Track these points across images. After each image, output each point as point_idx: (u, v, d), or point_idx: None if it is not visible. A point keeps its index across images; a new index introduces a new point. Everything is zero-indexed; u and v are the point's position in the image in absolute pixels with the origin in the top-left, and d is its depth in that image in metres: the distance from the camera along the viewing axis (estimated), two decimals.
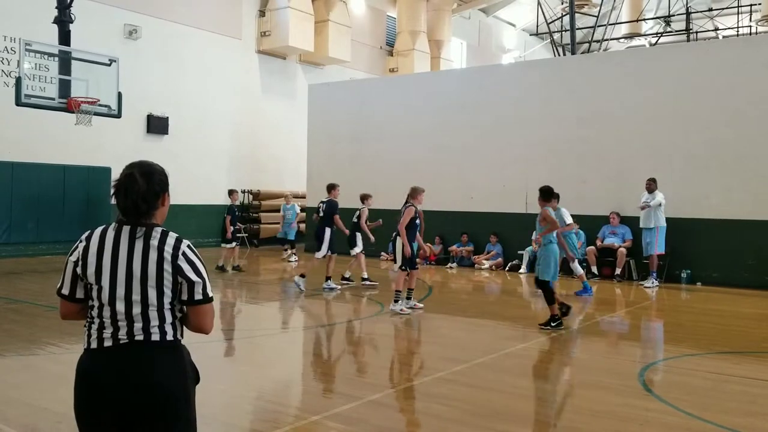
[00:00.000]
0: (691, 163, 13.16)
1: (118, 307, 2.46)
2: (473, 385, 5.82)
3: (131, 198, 2.49)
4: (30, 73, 12.82)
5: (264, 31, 21.08)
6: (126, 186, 2.50)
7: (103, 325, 2.48)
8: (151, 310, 2.47)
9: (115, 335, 2.46)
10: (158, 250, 2.47)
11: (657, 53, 16.29)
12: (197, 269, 2.52)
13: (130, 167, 2.55)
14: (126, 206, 2.50)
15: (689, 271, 13.00)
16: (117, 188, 2.52)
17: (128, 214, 2.51)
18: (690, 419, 4.95)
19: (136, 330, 2.46)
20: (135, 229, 2.50)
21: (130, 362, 2.45)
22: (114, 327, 2.47)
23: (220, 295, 11.16)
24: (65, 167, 15.76)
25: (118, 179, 2.53)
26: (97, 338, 2.48)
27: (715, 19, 28.42)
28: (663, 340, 8.64)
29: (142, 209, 2.51)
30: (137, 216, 2.51)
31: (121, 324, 2.46)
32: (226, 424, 4.93)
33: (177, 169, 18.07)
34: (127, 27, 17.32)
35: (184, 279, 2.49)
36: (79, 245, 2.55)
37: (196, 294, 2.52)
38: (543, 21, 24.85)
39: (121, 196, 2.50)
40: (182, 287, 2.51)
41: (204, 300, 2.54)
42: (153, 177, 2.55)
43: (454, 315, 9.81)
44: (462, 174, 16.05)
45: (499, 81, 16.30)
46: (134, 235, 2.49)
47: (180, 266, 2.48)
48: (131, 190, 2.49)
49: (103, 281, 2.47)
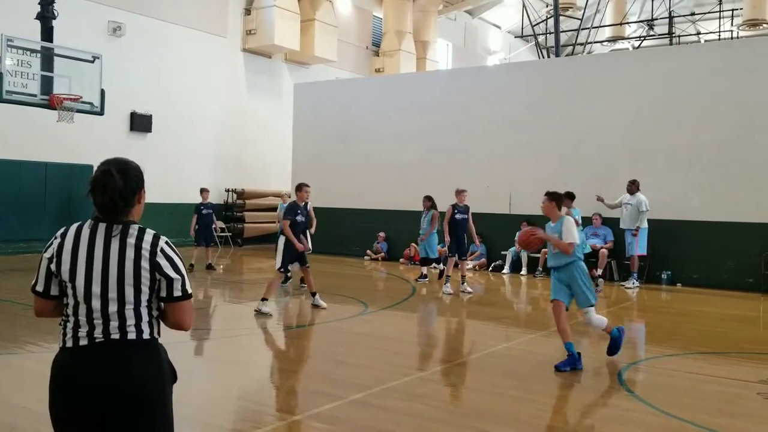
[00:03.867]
0: (673, 166, 13.30)
1: (94, 305, 2.42)
2: (455, 384, 5.84)
3: (108, 195, 2.46)
4: (12, 69, 12.66)
5: (249, 30, 20.99)
6: (103, 183, 2.46)
7: (78, 324, 2.45)
8: (128, 308, 2.44)
9: (91, 334, 2.43)
10: (135, 248, 2.44)
11: (640, 57, 16.42)
12: (176, 266, 2.50)
13: (106, 164, 2.51)
14: (103, 203, 2.47)
15: (670, 272, 13.14)
16: (93, 185, 2.48)
17: (105, 211, 2.48)
18: (670, 419, 4.99)
19: (112, 328, 2.43)
20: (111, 226, 2.46)
21: (106, 361, 2.42)
22: (90, 325, 2.43)
23: (202, 295, 11.10)
24: (47, 164, 15.60)
25: (94, 176, 2.49)
26: (73, 337, 2.45)
27: (697, 23, 28.71)
28: (644, 341, 8.70)
29: (119, 206, 2.48)
30: (114, 213, 2.48)
31: (97, 322, 2.43)
32: (206, 424, 4.90)
33: (160, 167, 18.05)
34: (111, 24, 17.17)
35: (163, 276, 2.47)
36: (54, 242, 2.51)
37: (175, 291, 2.50)
38: (528, 23, 24.99)
39: (98, 193, 2.46)
40: (161, 284, 2.49)
41: (183, 297, 2.52)
42: (129, 173, 2.51)
43: (437, 315, 9.83)
44: (447, 174, 16.07)
45: (484, 82, 16.36)
46: (110, 233, 2.45)
47: (158, 263, 2.46)
48: (108, 187, 2.46)
49: (78, 279, 2.43)
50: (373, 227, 16.77)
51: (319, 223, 17.48)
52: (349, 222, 16.86)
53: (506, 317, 9.99)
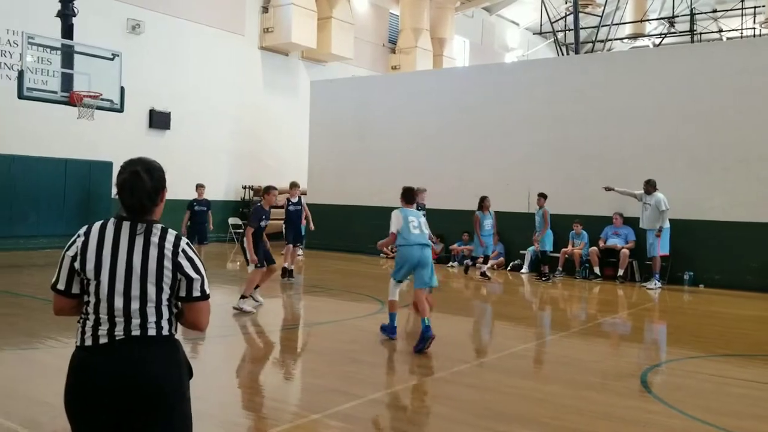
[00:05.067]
0: (695, 165, 13.11)
1: (116, 302, 2.44)
2: (475, 385, 5.78)
3: (137, 196, 2.49)
4: (33, 66, 12.78)
5: (267, 28, 21.03)
6: (131, 184, 2.49)
7: (98, 322, 2.46)
8: (150, 306, 2.47)
9: (112, 332, 2.44)
10: (159, 247, 2.48)
11: (661, 54, 16.23)
12: (196, 266, 2.53)
13: (133, 164, 2.54)
14: (132, 204, 2.50)
15: (692, 273, 12.96)
16: (122, 186, 2.51)
17: (133, 212, 2.51)
18: (692, 422, 4.91)
19: (134, 326, 2.45)
20: (135, 225, 2.49)
21: (126, 357, 2.43)
22: (111, 323, 2.45)
23: (216, 292, 11.12)
24: (67, 161, 15.73)
25: (123, 177, 2.51)
26: (92, 335, 2.46)
27: (719, 20, 28.34)
28: (665, 342, 8.60)
29: (147, 207, 2.52)
30: (142, 213, 2.51)
31: (119, 320, 2.44)
32: (224, 421, 4.89)
33: (178, 164, 18.10)
34: (130, 21, 17.27)
35: (184, 276, 2.50)
36: (77, 240, 2.52)
37: (195, 291, 2.53)
38: (547, 20, 24.79)
39: (127, 194, 2.50)
40: (180, 284, 2.51)
41: (202, 297, 2.55)
42: (154, 174, 2.55)
43: (456, 315, 9.77)
44: (464, 173, 16.00)
45: (501, 80, 16.25)
46: (135, 232, 2.48)
47: (180, 263, 2.50)
48: (137, 188, 2.49)
49: (102, 276, 2.44)
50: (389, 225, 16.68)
51: (335, 220, 17.51)
52: (364, 220, 16.81)
53: (525, 318, 9.90)
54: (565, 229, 14.20)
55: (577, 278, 13.63)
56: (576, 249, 13.90)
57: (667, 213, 12.41)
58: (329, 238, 16.93)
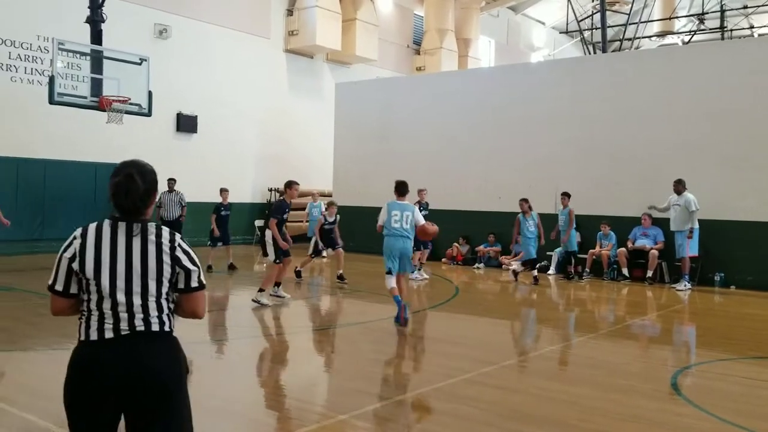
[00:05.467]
0: (726, 164, 12.89)
1: (119, 299, 2.54)
2: (502, 387, 5.75)
3: (131, 198, 2.60)
4: (63, 72, 13.01)
5: (292, 30, 21.16)
6: (126, 187, 2.60)
7: (103, 317, 2.55)
8: (151, 301, 2.59)
9: (117, 326, 2.54)
10: (156, 244, 2.61)
11: (690, 52, 15.99)
12: (192, 259, 2.69)
13: (127, 167, 2.64)
14: (126, 206, 2.61)
15: (723, 274, 12.75)
16: (117, 188, 2.60)
17: (126, 213, 2.62)
18: (723, 424, 4.83)
19: (137, 321, 2.56)
20: (131, 226, 2.60)
21: (133, 352, 2.53)
22: (115, 318, 2.55)
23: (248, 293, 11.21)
24: (96, 165, 15.98)
25: (117, 179, 2.61)
26: (98, 330, 2.55)
27: (749, 17, 27.83)
28: (695, 344, 8.47)
29: (141, 208, 2.64)
30: (136, 215, 2.63)
31: (123, 315, 2.55)
32: (253, 420, 4.93)
33: (206, 167, 18.35)
34: (157, 26, 17.50)
35: (182, 268, 2.65)
36: (74, 242, 2.62)
37: (193, 281, 2.68)
38: (573, 19, 24.57)
39: (122, 197, 2.60)
40: (179, 277, 2.65)
41: (200, 287, 2.70)
42: (147, 176, 2.66)
43: (482, 316, 9.73)
44: (489, 174, 15.93)
45: (527, 80, 16.13)
46: (131, 232, 2.60)
47: (178, 257, 2.64)
48: (131, 190, 2.60)
49: (103, 275, 2.55)
50: None
51: (360, 222, 17.53)
52: None
53: (552, 319, 9.82)
54: (592, 230, 14.06)
55: (605, 279, 13.48)
56: (604, 250, 13.75)
57: (697, 213, 12.21)
58: (355, 240, 16.95)
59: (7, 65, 14.84)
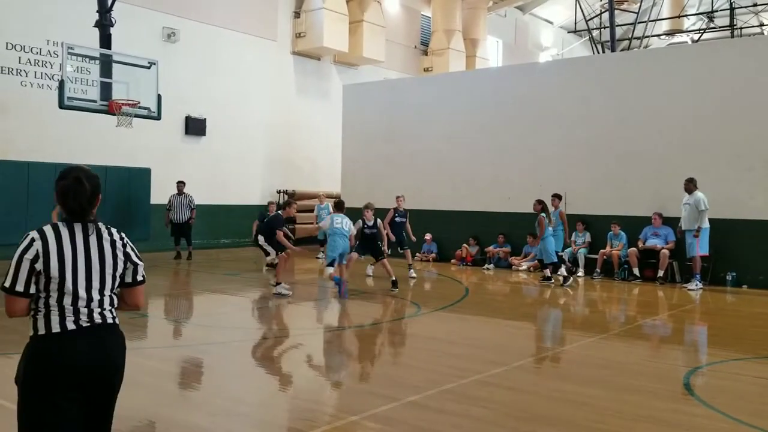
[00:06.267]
0: (736, 163, 12.80)
1: (81, 294, 2.75)
2: (512, 388, 5.73)
3: (78, 200, 2.82)
4: (72, 76, 13.08)
5: (299, 33, 21.19)
6: (74, 190, 2.82)
7: (64, 312, 2.74)
8: (107, 295, 2.84)
9: (78, 319, 2.75)
10: (111, 242, 2.87)
11: (700, 50, 15.91)
12: (138, 254, 2.99)
13: (74, 171, 2.87)
14: (74, 208, 2.82)
15: (734, 273, 12.66)
16: (65, 191, 2.82)
17: (74, 214, 2.83)
18: (737, 425, 4.79)
19: (96, 314, 2.80)
20: (87, 226, 2.84)
21: (92, 343, 2.76)
22: (76, 312, 2.75)
23: (257, 294, 11.24)
24: (107, 168, 16.05)
25: (66, 183, 2.83)
26: (60, 323, 2.73)
27: (760, 14, 27.66)
28: (707, 344, 8.41)
29: (87, 210, 2.85)
30: (83, 215, 2.84)
31: (83, 310, 2.76)
32: (263, 422, 4.94)
33: (214, 169, 18.40)
34: (165, 30, 17.57)
35: (131, 263, 2.93)
36: (35, 243, 2.74)
37: (139, 275, 2.97)
38: (581, 18, 24.50)
39: (70, 199, 2.82)
40: (127, 271, 2.92)
41: (143, 281, 3.00)
42: (92, 180, 2.90)
43: (492, 317, 9.71)
44: (498, 174, 15.89)
45: (536, 79, 16.08)
46: (87, 231, 2.83)
47: (129, 253, 2.93)
48: (79, 193, 2.83)
49: (67, 273, 2.73)
50: (426, 228, 16.61)
51: None
52: None
53: (563, 320, 9.78)
54: (602, 231, 14.00)
55: (616, 280, 13.42)
56: (614, 250, 13.69)
57: (707, 213, 12.13)
58: None
59: (18, 70, 14.94)
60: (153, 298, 10.85)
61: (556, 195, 13.61)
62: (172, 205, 15.76)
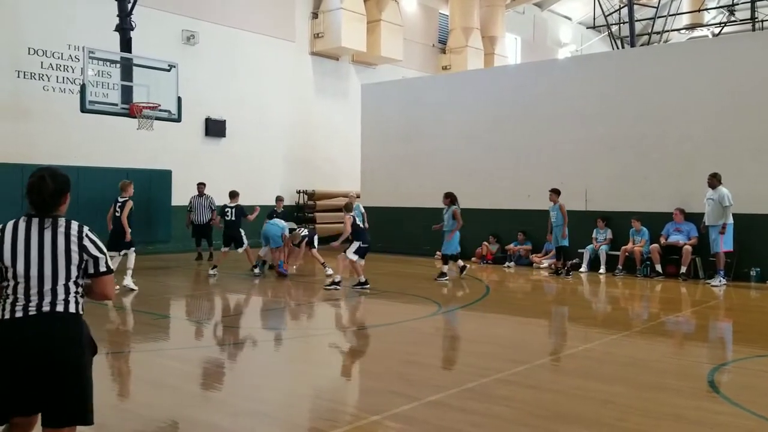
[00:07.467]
0: (759, 157, 12.63)
1: (31, 283, 2.97)
2: (534, 386, 5.70)
3: (41, 196, 3.04)
4: (94, 80, 13.25)
5: (317, 33, 21.26)
6: (38, 186, 3.05)
7: (16, 300, 2.98)
8: (59, 285, 3.01)
9: (26, 307, 2.97)
10: (65, 236, 3.05)
11: (720, 44, 15.70)
12: (99, 247, 3.14)
13: (41, 171, 3.09)
14: (36, 202, 3.05)
15: (759, 269, 12.49)
16: (30, 188, 3.06)
17: (38, 209, 3.06)
18: (764, 423, 4.73)
19: (44, 303, 2.99)
20: (43, 220, 3.05)
21: (37, 330, 2.94)
22: (26, 301, 2.98)
23: (270, 294, 11.30)
24: (128, 170, 16.23)
25: (32, 180, 3.06)
26: (11, 311, 2.97)
27: None
28: (732, 341, 8.31)
29: (50, 205, 3.07)
30: (45, 210, 3.06)
31: (33, 298, 2.98)
32: (285, 422, 4.96)
33: (234, 171, 18.51)
34: (185, 33, 17.72)
35: (90, 256, 3.10)
36: None
37: (101, 266, 3.15)
38: (600, 14, 24.28)
39: (34, 195, 3.05)
40: (88, 263, 3.11)
41: (107, 271, 3.17)
42: (58, 179, 3.10)
43: (513, 315, 9.67)
44: (518, 172, 15.82)
45: (555, 76, 15.98)
46: (43, 225, 3.04)
47: (86, 246, 3.09)
48: (42, 189, 3.05)
49: (18, 263, 2.97)
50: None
51: (388, 222, 17.60)
52: (418, 221, 16.77)
53: (585, 317, 9.71)
54: (623, 227, 13.88)
55: (638, 276, 13.30)
56: (636, 246, 13.56)
57: (731, 209, 11.96)
58: (383, 240, 16.95)
59: (40, 74, 15.15)
60: (175, 299, 10.95)
61: (554, 190, 13.52)
62: (193, 207, 15.88)
